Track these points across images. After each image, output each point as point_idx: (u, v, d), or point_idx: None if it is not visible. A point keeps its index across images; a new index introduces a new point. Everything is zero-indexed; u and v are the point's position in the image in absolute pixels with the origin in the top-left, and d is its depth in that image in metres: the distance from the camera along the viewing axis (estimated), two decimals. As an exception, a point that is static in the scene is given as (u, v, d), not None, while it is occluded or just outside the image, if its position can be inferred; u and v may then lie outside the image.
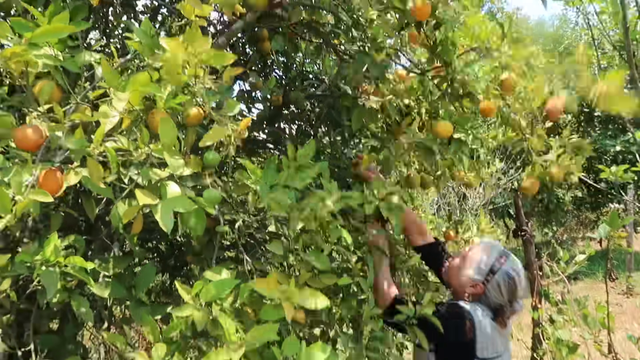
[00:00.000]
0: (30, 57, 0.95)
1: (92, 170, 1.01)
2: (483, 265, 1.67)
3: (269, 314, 1.09)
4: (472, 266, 1.69)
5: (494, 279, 1.64)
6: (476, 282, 1.66)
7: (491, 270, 1.65)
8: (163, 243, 2.69)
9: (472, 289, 1.67)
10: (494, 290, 1.64)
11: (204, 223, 1.15)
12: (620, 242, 2.52)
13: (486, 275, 1.65)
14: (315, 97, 2.48)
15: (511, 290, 1.64)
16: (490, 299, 1.64)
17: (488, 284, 1.64)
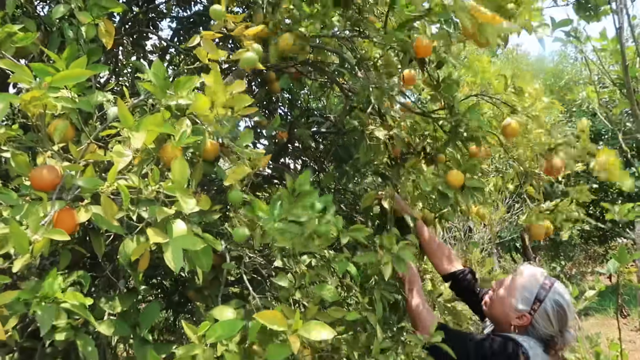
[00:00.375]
0: (50, 100, 0.98)
1: (106, 207, 1.03)
2: (528, 293, 1.55)
3: (276, 353, 1.07)
4: (517, 295, 1.56)
5: (541, 307, 1.52)
6: (522, 313, 1.54)
7: (537, 298, 1.53)
8: (167, 279, 2.68)
9: (518, 320, 1.54)
10: (543, 320, 1.52)
11: (211, 260, 1.16)
12: (630, 277, 2.49)
13: (532, 304, 1.53)
14: (320, 134, 2.52)
15: (561, 319, 1.51)
16: (539, 329, 1.52)
17: (535, 314, 1.52)
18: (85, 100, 1.14)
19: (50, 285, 1.02)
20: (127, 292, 1.39)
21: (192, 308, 2.62)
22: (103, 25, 1.45)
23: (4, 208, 1.08)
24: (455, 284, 1.86)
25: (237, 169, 1.17)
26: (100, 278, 1.73)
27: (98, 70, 1.08)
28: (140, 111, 1.38)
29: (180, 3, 2.98)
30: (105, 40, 1.41)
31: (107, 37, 1.41)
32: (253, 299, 1.31)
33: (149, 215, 1.11)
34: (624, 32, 1.85)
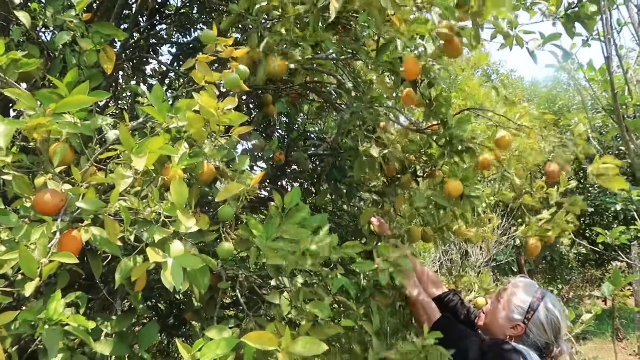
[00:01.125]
0: (55, 127, 1.01)
1: (109, 229, 1.05)
2: (521, 303, 1.60)
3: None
4: (510, 306, 1.61)
5: (534, 316, 1.56)
6: (516, 323, 1.58)
7: (530, 307, 1.58)
8: (162, 302, 2.67)
9: (512, 330, 1.59)
10: (537, 329, 1.56)
11: (208, 280, 1.17)
12: (624, 300, 2.50)
13: (526, 313, 1.58)
14: (317, 156, 2.56)
15: (554, 327, 1.56)
16: (534, 338, 1.56)
17: (529, 322, 1.56)
18: (87, 125, 1.17)
19: (55, 308, 1.03)
20: (124, 312, 1.39)
21: (187, 331, 2.61)
22: (104, 52, 1.49)
23: (3, 230, 1.10)
24: (442, 307, 1.87)
25: (229, 186, 1.20)
26: (96, 300, 1.73)
27: (100, 96, 1.12)
28: (140, 134, 1.41)
29: (180, 29, 3.05)
30: (106, 66, 1.45)
31: (108, 62, 1.45)
32: (248, 319, 1.32)
33: (148, 235, 1.13)
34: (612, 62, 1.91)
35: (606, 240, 2.57)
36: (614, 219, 9.27)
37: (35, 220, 1.10)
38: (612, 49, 1.97)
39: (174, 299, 2.63)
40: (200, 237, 1.40)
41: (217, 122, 1.17)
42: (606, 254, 10.00)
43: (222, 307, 2.02)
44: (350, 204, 2.74)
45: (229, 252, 1.24)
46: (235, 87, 1.41)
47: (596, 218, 9.77)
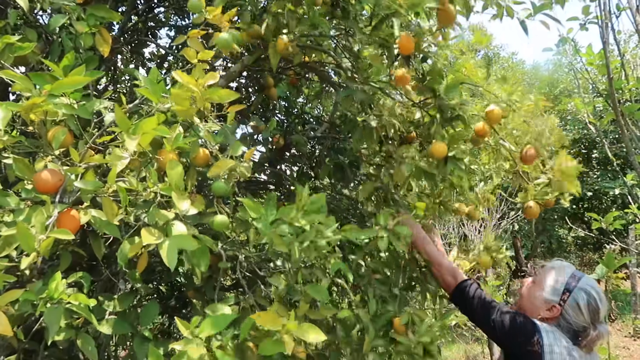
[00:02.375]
0: (51, 107, 1.02)
1: (107, 209, 1.07)
2: (557, 284, 1.56)
3: (269, 349, 1.11)
4: (545, 287, 1.58)
5: (570, 297, 1.52)
6: (552, 304, 1.55)
7: (566, 289, 1.54)
8: (163, 284, 2.71)
9: (548, 312, 1.55)
10: (573, 311, 1.51)
11: (208, 260, 1.19)
12: (618, 282, 2.53)
13: (562, 294, 1.53)
14: (316, 139, 2.57)
15: (592, 309, 1.51)
16: (570, 320, 1.52)
17: (565, 304, 1.52)
18: (84, 108, 1.18)
19: (56, 287, 1.06)
20: (126, 292, 1.42)
21: (188, 313, 2.65)
22: (100, 34, 1.49)
23: (5, 212, 1.12)
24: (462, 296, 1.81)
25: (221, 162, 1.21)
26: (99, 281, 1.76)
27: (94, 76, 1.13)
28: (137, 117, 1.42)
29: (179, 12, 3.04)
30: (102, 48, 1.46)
31: (105, 45, 1.45)
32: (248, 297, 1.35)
33: (149, 219, 1.15)
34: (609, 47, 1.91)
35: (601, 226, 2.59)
36: (612, 203, 9.31)
37: (36, 203, 1.12)
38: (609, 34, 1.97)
39: (176, 281, 2.67)
40: (199, 219, 1.42)
41: (203, 99, 1.18)
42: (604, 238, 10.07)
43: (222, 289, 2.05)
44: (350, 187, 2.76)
45: (223, 225, 1.26)
46: (227, 48, 1.40)
47: (595, 202, 9.81)
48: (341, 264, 1.39)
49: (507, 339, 1.56)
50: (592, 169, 9.89)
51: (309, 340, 1.09)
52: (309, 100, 2.90)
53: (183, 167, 1.40)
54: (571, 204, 10.38)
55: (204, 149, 1.33)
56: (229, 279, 2.67)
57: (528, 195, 1.91)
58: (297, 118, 2.79)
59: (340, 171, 2.43)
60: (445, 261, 1.79)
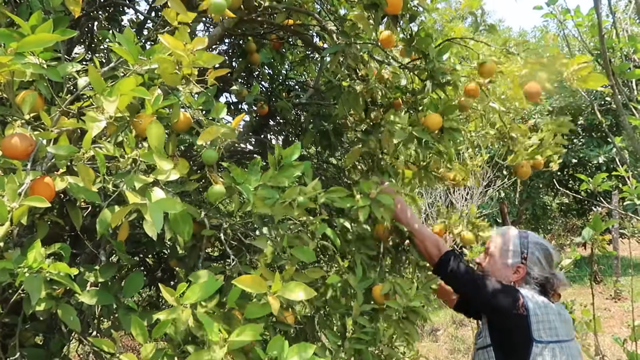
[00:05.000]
0: (18, 66, 0.95)
1: (83, 174, 1.02)
2: (512, 246, 1.68)
3: (254, 312, 1.09)
4: (504, 253, 1.69)
5: (529, 253, 1.65)
6: (517, 266, 1.66)
7: (522, 247, 1.67)
8: (150, 256, 2.68)
9: (515, 275, 1.66)
10: (535, 265, 1.64)
11: (191, 228, 1.16)
12: (603, 244, 2.55)
13: (521, 254, 1.66)
14: (301, 105, 2.51)
15: (549, 258, 1.65)
16: (535, 274, 1.64)
17: (527, 262, 1.65)
18: (54, 70, 1.11)
19: (35, 256, 1.02)
20: (108, 263, 1.38)
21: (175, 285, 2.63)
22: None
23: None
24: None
25: (210, 129, 1.16)
26: (82, 254, 1.72)
27: (65, 35, 1.06)
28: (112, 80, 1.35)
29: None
30: (72, 8, 1.37)
31: (74, 5, 1.37)
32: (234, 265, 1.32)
33: (127, 185, 1.10)
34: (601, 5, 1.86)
35: (589, 188, 2.60)
36: (596, 169, 9.42)
37: (8, 169, 1.07)
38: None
39: (162, 253, 2.64)
40: (181, 187, 1.38)
41: (189, 65, 1.12)
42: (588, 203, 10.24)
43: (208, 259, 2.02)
44: (336, 156, 2.72)
45: (220, 195, 1.21)
46: (221, 13, 1.33)
47: (579, 169, 9.93)
48: (327, 227, 1.37)
49: (494, 305, 1.59)
50: (578, 136, 9.97)
51: (296, 298, 1.08)
52: (293, 67, 2.83)
53: (163, 132, 1.34)
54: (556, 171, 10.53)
55: (184, 112, 1.28)
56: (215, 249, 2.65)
57: (518, 157, 1.90)
58: (281, 85, 2.72)
59: (326, 139, 2.39)
60: (428, 233, 1.80)
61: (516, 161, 1.91)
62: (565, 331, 1.56)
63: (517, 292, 1.57)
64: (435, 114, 1.72)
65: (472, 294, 1.68)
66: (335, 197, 1.36)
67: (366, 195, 1.51)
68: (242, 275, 1.08)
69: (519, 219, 10.12)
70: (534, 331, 1.50)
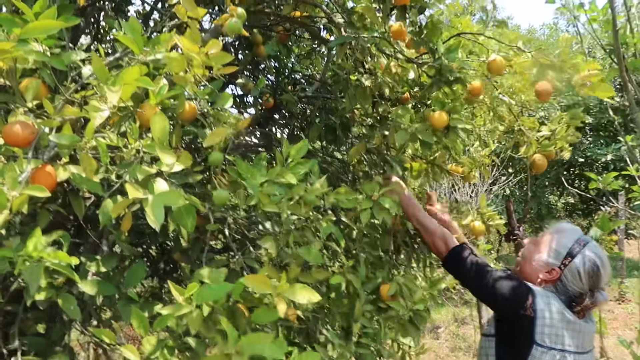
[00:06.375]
0: (20, 53, 0.94)
1: (85, 164, 1.00)
2: (560, 248, 1.53)
3: (263, 317, 1.07)
4: (547, 250, 1.55)
5: (572, 263, 1.49)
6: (552, 267, 1.52)
7: (569, 253, 1.50)
8: (153, 247, 2.68)
9: (547, 275, 1.53)
10: (572, 276, 1.49)
11: (195, 220, 1.14)
12: (611, 245, 2.53)
13: (563, 259, 1.51)
14: (307, 99, 2.49)
15: (593, 277, 1.48)
16: (568, 285, 1.50)
17: (565, 269, 1.50)
18: (58, 58, 1.09)
19: (34, 245, 1.01)
20: (110, 254, 1.38)
21: (179, 276, 2.63)
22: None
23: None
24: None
25: (217, 130, 1.15)
26: (85, 244, 1.72)
27: (69, 22, 1.04)
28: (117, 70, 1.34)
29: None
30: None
31: (81, -8, 1.35)
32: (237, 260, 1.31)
33: (130, 175, 1.09)
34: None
35: (598, 187, 2.57)
36: (604, 169, 9.36)
37: (9, 157, 1.06)
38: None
39: (165, 244, 2.64)
40: (185, 178, 1.36)
41: (200, 65, 1.10)
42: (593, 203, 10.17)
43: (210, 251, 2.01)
44: (342, 150, 2.70)
45: (225, 199, 1.21)
46: (237, 32, 1.33)
47: (586, 169, 9.86)
48: (333, 227, 1.35)
49: (500, 303, 1.54)
50: (585, 135, 9.90)
51: (303, 301, 1.06)
52: (300, 60, 2.81)
53: (167, 123, 1.33)
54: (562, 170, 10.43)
55: (189, 103, 1.26)
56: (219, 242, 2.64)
57: (531, 149, 1.86)
58: (287, 78, 2.70)
59: (332, 133, 2.37)
60: (436, 227, 1.76)
61: (528, 153, 1.87)
62: (577, 342, 1.47)
63: (529, 292, 1.48)
64: (442, 112, 1.68)
65: (478, 293, 1.66)
66: (343, 198, 1.34)
67: (369, 197, 1.49)
68: (248, 275, 1.07)
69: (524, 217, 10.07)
70: (537, 334, 1.44)
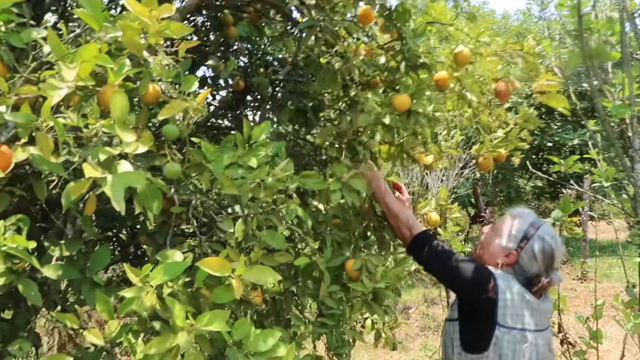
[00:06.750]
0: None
1: (41, 144, 0.97)
2: (515, 231, 1.60)
3: (222, 297, 1.07)
4: (504, 234, 1.62)
5: (527, 245, 1.57)
6: (509, 251, 1.59)
7: (525, 237, 1.58)
8: (124, 231, 2.64)
9: (505, 258, 1.60)
10: (528, 258, 1.56)
11: (160, 203, 1.13)
12: (572, 226, 2.61)
13: (519, 242, 1.58)
14: (278, 82, 2.47)
15: (547, 257, 1.56)
16: (525, 267, 1.57)
17: (522, 252, 1.57)
18: (17, 35, 1.06)
19: (-9, 229, 0.98)
20: (73, 237, 1.35)
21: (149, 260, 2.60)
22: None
23: None
24: None
25: (174, 103, 1.12)
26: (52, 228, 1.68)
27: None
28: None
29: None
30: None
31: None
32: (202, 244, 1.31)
33: (92, 157, 1.06)
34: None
35: (560, 170, 2.65)
36: (571, 153, 9.62)
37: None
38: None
39: (135, 228, 2.60)
40: (151, 161, 1.34)
41: (155, 33, 1.07)
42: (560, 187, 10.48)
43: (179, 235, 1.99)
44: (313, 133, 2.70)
45: (176, 173, 1.19)
46: None
47: (554, 153, 10.13)
48: (299, 209, 1.36)
49: (463, 287, 1.60)
50: (554, 120, 10.13)
51: (261, 282, 1.07)
52: (272, 42, 2.77)
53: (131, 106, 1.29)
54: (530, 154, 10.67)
55: (153, 84, 1.23)
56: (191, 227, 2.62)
57: (482, 148, 1.91)
58: (259, 60, 2.67)
59: (303, 116, 2.36)
60: (402, 213, 1.78)
61: (480, 151, 1.92)
62: (535, 321, 1.55)
63: (490, 276, 1.55)
64: (404, 95, 1.68)
65: (441, 278, 1.70)
66: (308, 181, 1.34)
67: (338, 179, 1.50)
68: (207, 258, 1.06)
69: (493, 200, 10.32)
70: (499, 315, 1.50)
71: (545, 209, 12.39)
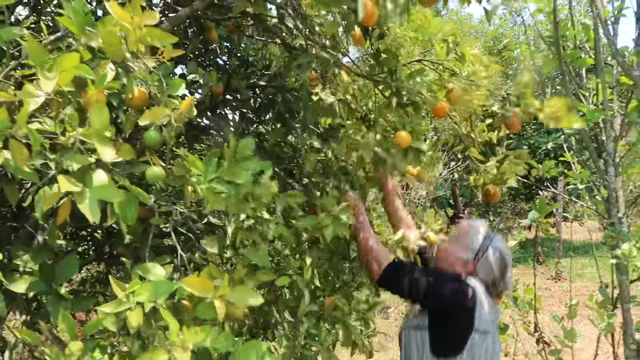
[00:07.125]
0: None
1: (15, 151, 0.94)
2: (472, 243, 1.71)
3: (205, 312, 1.06)
4: (461, 247, 1.72)
5: (484, 256, 1.68)
6: (467, 261, 1.70)
7: (481, 248, 1.69)
8: (99, 231, 2.58)
9: (463, 268, 1.70)
10: (485, 268, 1.68)
11: (136, 212, 1.10)
12: (547, 227, 2.65)
13: (476, 253, 1.69)
14: (259, 87, 2.45)
15: (502, 265, 1.69)
16: (483, 275, 1.68)
17: (478, 262, 1.68)
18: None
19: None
20: (40, 246, 1.30)
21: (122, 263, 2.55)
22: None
23: None
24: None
25: (156, 109, 1.10)
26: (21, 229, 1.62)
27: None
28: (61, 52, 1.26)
29: None
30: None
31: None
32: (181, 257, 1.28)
33: (67, 164, 1.03)
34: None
35: (538, 174, 2.70)
36: (545, 155, 9.83)
37: None
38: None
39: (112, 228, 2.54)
40: (130, 169, 1.31)
41: (137, 40, 1.04)
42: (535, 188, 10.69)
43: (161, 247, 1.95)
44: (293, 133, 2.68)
45: (158, 177, 1.16)
46: None
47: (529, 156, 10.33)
48: (283, 228, 1.35)
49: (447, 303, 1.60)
50: (529, 123, 10.33)
51: (244, 303, 1.06)
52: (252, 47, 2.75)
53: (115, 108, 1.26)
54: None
55: (139, 89, 1.20)
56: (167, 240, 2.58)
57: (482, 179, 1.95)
58: (240, 61, 2.64)
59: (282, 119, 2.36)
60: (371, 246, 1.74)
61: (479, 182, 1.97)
62: (496, 322, 1.67)
63: (468, 286, 1.60)
64: (407, 133, 1.72)
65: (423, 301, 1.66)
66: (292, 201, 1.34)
67: (329, 213, 1.50)
68: (189, 277, 1.05)
69: (471, 201, 10.46)
70: (475, 319, 1.55)
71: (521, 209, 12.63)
